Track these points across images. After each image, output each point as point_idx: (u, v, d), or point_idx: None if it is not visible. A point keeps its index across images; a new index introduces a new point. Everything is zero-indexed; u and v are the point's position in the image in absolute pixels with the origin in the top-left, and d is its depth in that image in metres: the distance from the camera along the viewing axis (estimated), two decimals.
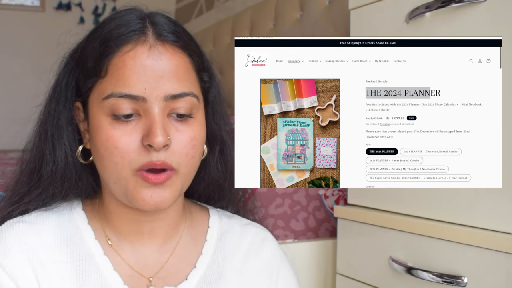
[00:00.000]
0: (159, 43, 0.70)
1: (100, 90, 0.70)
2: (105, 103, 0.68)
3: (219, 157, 0.82)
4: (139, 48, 0.69)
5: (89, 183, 0.78)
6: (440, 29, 0.96)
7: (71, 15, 3.42)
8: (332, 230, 1.32)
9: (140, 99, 0.67)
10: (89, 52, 0.72)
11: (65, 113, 0.75)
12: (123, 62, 0.68)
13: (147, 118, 0.68)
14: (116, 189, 0.71)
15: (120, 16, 0.73)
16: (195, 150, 0.71)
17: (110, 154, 0.68)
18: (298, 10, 2.04)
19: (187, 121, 0.71)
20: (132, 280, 0.74)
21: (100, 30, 0.72)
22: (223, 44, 2.56)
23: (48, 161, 0.74)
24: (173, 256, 0.77)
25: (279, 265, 0.83)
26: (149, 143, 0.66)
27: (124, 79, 0.68)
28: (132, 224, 0.75)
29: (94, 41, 0.72)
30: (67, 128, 0.75)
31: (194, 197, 0.87)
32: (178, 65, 0.70)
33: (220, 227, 0.83)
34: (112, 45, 0.69)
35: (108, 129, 0.68)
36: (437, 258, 0.96)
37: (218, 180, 0.82)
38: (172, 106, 0.69)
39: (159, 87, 0.68)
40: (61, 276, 0.71)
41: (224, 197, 0.86)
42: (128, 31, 0.70)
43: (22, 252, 0.71)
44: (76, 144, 0.75)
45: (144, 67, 0.68)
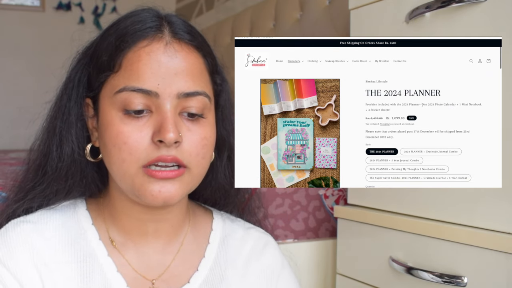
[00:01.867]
0: (175, 41, 0.70)
1: (113, 85, 0.69)
2: (117, 97, 0.68)
3: (227, 163, 0.81)
4: (155, 44, 0.69)
5: (94, 181, 0.78)
6: (440, 29, 0.96)
7: (71, 15, 3.42)
8: (332, 230, 1.32)
9: (152, 94, 0.67)
10: (104, 46, 0.72)
11: (76, 109, 0.74)
12: (138, 57, 0.68)
13: (159, 114, 0.68)
14: (123, 185, 0.71)
15: (136, 14, 0.73)
16: (205, 150, 0.71)
17: (118, 150, 0.68)
18: (298, 10, 2.04)
19: (199, 121, 0.71)
20: (135, 282, 0.74)
21: (115, 27, 0.72)
22: (223, 44, 2.56)
23: (54, 157, 0.74)
24: (176, 258, 0.77)
25: (280, 269, 0.83)
26: (160, 138, 0.66)
27: (138, 73, 0.68)
28: (137, 224, 0.75)
29: (110, 36, 0.72)
30: (76, 124, 0.74)
31: (200, 201, 0.87)
32: (193, 64, 0.70)
33: (223, 230, 0.83)
34: (128, 40, 0.69)
35: (119, 124, 0.68)
36: (437, 258, 0.96)
37: (224, 186, 0.83)
38: (184, 104, 0.69)
39: (173, 84, 0.68)
40: (65, 276, 0.71)
41: (230, 203, 0.86)
42: (145, 27, 0.70)
43: (26, 252, 0.70)
44: (84, 141, 0.75)
45: (159, 63, 0.68)
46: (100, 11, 3.48)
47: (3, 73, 3.24)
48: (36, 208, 0.77)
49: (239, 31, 2.46)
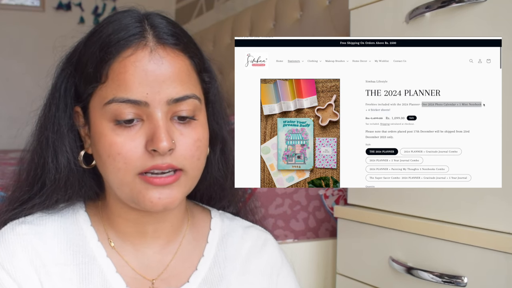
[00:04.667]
0: (160, 47, 0.69)
1: (101, 96, 0.69)
2: (107, 108, 0.68)
3: (220, 156, 0.81)
4: (139, 53, 0.68)
5: (92, 187, 0.77)
6: (440, 29, 0.96)
7: (71, 15, 3.42)
8: (332, 230, 1.32)
9: (142, 104, 0.67)
10: (88, 57, 0.71)
11: (66, 119, 0.74)
12: (124, 68, 0.67)
13: (151, 122, 0.67)
14: (120, 193, 0.70)
15: (117, 19, 0.72)
16: (200, 152, 0.71)
17: (113, 160, 0.67)
18: (298, 10, 2.04)
19: (190, 124, 0.70)
20: (135, 282, 0.74)
21: (98, 35, 0.71)
22: (223, 44, 2.56)
23: (50, 168, 0.73)
24: (175, 258, 0.77)
25: (280, 267, 0.83)
26: (153, 148, 0.66)
27: (126, 84, 0.67)
28: (135, 226, 0.75)
29: (93, 46, 0.71)
30: (68, 134, 0.74)
31: (196, 197, 0.87)
32: (179, 68, 0.70)
33: (221, 229, 0.83)
34: (112, 51, 0.68)
35: (111, 135, 0.68)
36: (437, 258, 0.96)
37: (219, 179, 0.82)
38: (174, 109, 0.69)
39: (162, 91, 0.67)
40: (64, 278, 0.71)
41: (225, 196, 0.86)
42: (127, 35, 0.69)
43: (25, 255, 0.70)
44: (78, 150, 0.75)
45: (145, 71, 0.67)
46: (100, 11, 3.48)
47: (3, 73, 3.24)
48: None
49: (239, 31, 2.46)
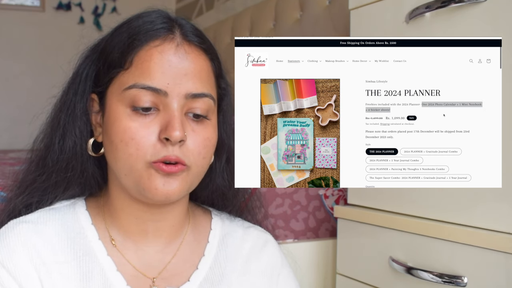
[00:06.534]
0: (185, 43, 0.72)
1: (122, 81, 0.71)
2: (126, 93, 0.70)
3: (225, 166, 0.83)
4: (166, 45, 0.71)
5: (94, 176, 0.78)
6: (440, 29, 0.96)
7: (71, 15, 3.42)
8: (332, 230, 1.32)
9: (161, 93, 0.69)
10: (115, 44, 0.73)
11: (81, 103, 0.76)
12: (150, 56, 0.70)
13: (166, 112, 0.69)
14: (127, 181, 0.71)
15: (148, 14, 0.75)
16: (206, 151, 0.72)
17: (126, 145, 0.69)
18: (298, 10, 2.04)
19: (203, 122, 0.72)
20: (135, 280, 0.74)
21: (127, 25, 0.74)
22: (223, 44, 2.56)
23: (56, 149, 0.75)
24: (176, 257, 0.78)
25: (280, 268, 0.84)
26: (166, 136, 0.68)
27: (149, 71, 0.69)
28: (137, 223, 0.75)
29: (121, 34, 0.73)
30: (81, 118, 0.76)
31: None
32: (201, 66, 0.72)
33: (222, 229, 0.83)
34: (141, 38, 0.71)
35: (127, 120, 0.70)
36: (437, 258, 0.96)
37: (222, 188, 0.84)
38: (190, 105, 0.71)
39: (182, 84, 0.70)
40: (64, 276, 0.71)
41: (227, 205, 0.87)
42: (157, 27, 0.72)
43: (25, 253, 0.71)
44: (87, 136, 0.77)
45: (169, 62, 0.70)
46: (100, 11, 3.48)
47: (3, 73, 3.24)
48: (35, 204, 0.77)
49: (239, 31, 2.46)
